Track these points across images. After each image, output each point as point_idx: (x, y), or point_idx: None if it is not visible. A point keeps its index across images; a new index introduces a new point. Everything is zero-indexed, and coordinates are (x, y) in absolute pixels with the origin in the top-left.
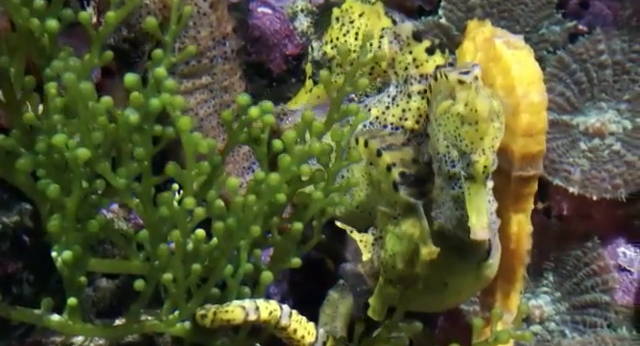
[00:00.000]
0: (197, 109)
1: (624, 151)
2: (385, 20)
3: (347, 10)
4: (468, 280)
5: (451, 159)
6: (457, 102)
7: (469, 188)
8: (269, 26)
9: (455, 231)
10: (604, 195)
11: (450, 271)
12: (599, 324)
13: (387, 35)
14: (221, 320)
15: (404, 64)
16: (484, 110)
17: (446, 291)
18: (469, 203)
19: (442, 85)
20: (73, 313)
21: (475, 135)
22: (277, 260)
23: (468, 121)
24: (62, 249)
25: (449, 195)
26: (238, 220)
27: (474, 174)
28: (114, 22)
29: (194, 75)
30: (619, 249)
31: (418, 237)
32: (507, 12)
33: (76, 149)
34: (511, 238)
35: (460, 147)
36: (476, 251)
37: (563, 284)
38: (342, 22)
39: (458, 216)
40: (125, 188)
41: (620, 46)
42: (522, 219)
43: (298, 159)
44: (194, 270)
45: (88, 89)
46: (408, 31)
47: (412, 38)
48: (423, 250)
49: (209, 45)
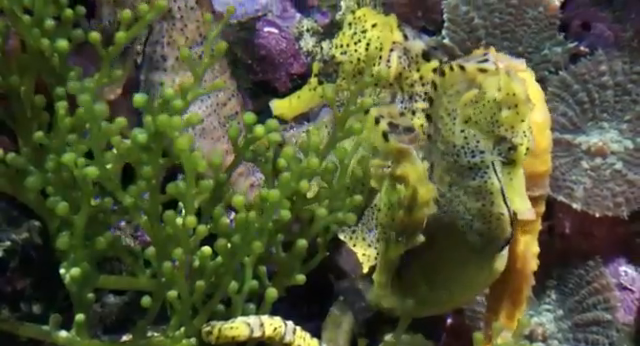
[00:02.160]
0: (193, 108)
1: (625, 170)
2: (397, 34)
3: (360, 18)
4: (481, 274)
5: (471, 150)
6: (488, 89)
7: (509, 173)
8: (275, 45)
9: (472, 224)
10: (606, 213)
11: (461, 266)
12: (601, 342)
13: (397, 50)
14: (226, 337)
15: (410, 81)
16: (522, 92)
17: (456, 288)
18: (510, 187)
19: (455, 78)
20: (81, 329)
21: (516, 118)
22: (282, 276)
23: (507, 105)
24: (70, 266)
25: (466, 188)
26: (242, 237)
27: (515, 158)
28: (124, 42)
29: (185, 70)
30: (621, 268)
31: (415, 179)
32: (510, 33)
33: (85, 167)
34: (518, 258)
35: (499, 133)
36: (497, 241)
37: (565, 302)
38: (354, 30)
39: (478, 207)
40: (134, 206)
41: (621, 67)
42: (529, 240)
43: (297, 175)
44: (198, 287)
45: (102, 111)
46: (418, 49)
47: (421, 57)
48: (421, 190)
49: (197, 40)
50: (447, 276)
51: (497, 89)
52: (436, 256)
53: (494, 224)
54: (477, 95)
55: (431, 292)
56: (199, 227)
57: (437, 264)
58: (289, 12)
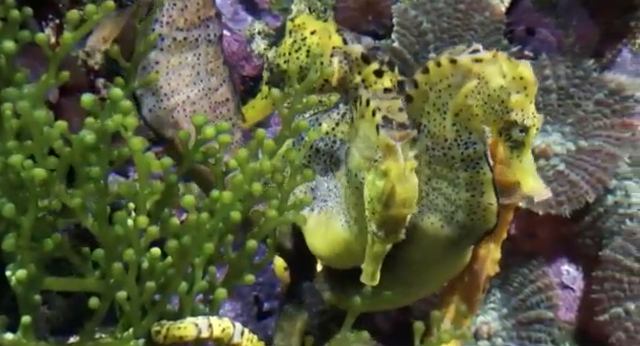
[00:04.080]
0: (186, 90)
1: (568, 171)
2: (336, 39)
3: (300, 26)
4: (453, 267)
5: (464, 142)
6: (491, 78)
7: (518, 156)
8: (227, 48)
9: (454, 216)
10: (549, 211)
11: (435, 262)
12: (543, 340)
13: (337, 55)
14: (174, 336)
15: (354, 84)
16: (530, 74)
17: (426, 282)
18: (522, 169)
19: (444, 72)
20: (27, 331)
21: (525, 101)
22: (231, 277)
23: (516, 90)
24: (17, 268)
25: (454, 179)
26: (192, 238)
27: (525, 140)
28: (71, 43)
29: (181, 51)
30: (563, 267)
31: (394, 176)
32: (457, 38)
33: (32, 169)
34: (477, 261)
35: (509, 119)
36: (477, 232)
37: (510, 301)
38: (294, 38)
39: (466, 198)
40: (80, 208)
41: (564, 71)
42: (492, 245)
43: (250, 177)
44: (148, 288)
45: (42, 117)
46: (357, 53)
47: (361, 60)
48: (398, 188)
49: (195, 22)
50: (414, 270)
51: (501, 76)
52: (404, 252)
53: (479, 215)
54: (478, 85)
55: (396, 286)
56: (150, 228)
57: (404, 259)
58: (240, 15)
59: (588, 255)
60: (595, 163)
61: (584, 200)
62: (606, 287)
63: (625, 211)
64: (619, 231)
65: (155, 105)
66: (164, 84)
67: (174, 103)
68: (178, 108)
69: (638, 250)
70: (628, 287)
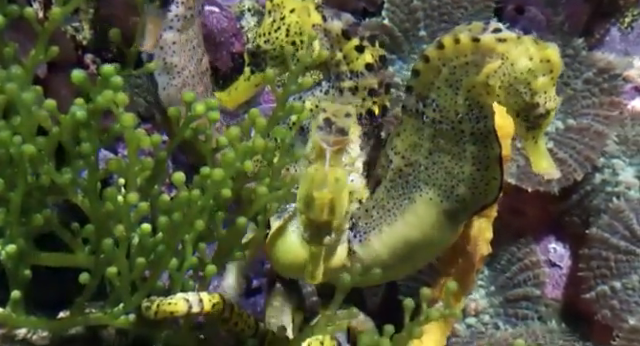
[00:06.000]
0: (189, 65)
1: (556, 149)
2: (315, 16)
3: (279, 5)
4: (446, 240)
5: (475, 116)
6: (517, 59)
7: (533, 137)
8: (216, 24)
9: (454, 190)
10: (538, 188)
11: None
12: (530, 317)
13: (318, 32)
14: (164, 312)
15: (335, 61)
16: (557, 57)
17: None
18: (536, 150)
19: (463, 49)
20: (16, 306)
21: (550, 83)
22: (221, 254)
23: (542, 72)
24: (6, 243)
25: (460, 153)
26: (183, 215)
27: (543, 122)
28: (60, 18)
29: (187, 28)
30: (550, 245)
31: (315, 181)
32: (447, 15)
33: (21, 145)
34: (469, 241)
35: (532, 101)
36: (475, 207)
37: (497, 278)
38: (273, 18)
39: (471, 171)
40: (70, 184)
41: None
42: (484, 224)
43: (241, 155)
44: (139, 264)
45: (30, 99)
46: (337, 29)
47: (342, 36)
48: (315, 194)
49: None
50: (407, 244)
51: (528, 58)
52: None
53: (481, 189)
54: (503, 66)
55: (391, 260)
56: (141, 204)
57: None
58: None
59: (575, 233)
60: (583, 141)
61: (572, 178)
62: (593, 265)
63: (612, 189)
64: (606, 209)
65: (168, 83)
66: (177, 62)
67: (182, 80)
68: (185, 83)
69: (625, 228)
70: (614, 265)
